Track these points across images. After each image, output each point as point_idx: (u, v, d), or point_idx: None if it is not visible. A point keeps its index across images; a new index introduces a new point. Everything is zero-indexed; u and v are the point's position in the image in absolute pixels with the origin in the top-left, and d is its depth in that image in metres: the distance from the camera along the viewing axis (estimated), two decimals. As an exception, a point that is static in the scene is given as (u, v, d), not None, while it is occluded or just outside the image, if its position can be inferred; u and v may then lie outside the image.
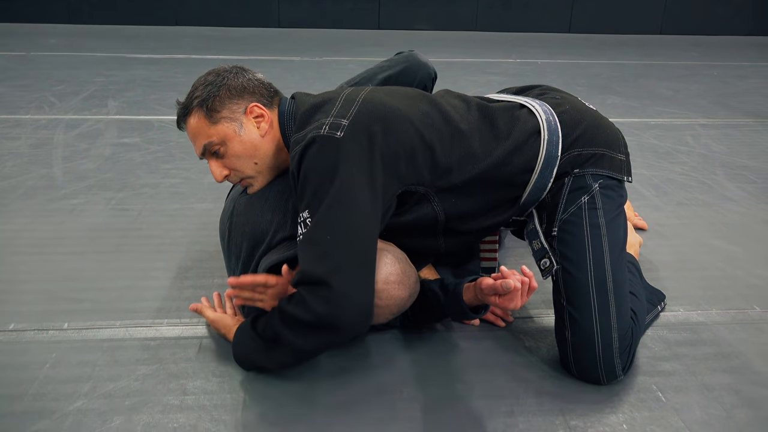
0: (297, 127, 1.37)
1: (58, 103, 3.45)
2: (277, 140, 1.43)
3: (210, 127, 1.39)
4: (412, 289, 1.36)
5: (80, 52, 4.92)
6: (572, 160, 1.43)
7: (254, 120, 1.41)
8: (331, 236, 1.22)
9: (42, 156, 2.63)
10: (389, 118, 1.33)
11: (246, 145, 1.40)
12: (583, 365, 1.37)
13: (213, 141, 1.39)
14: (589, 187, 1.42)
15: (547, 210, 1.44)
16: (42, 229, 2.00)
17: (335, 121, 1.29)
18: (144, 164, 2.59)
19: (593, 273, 1.37)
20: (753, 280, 1.83)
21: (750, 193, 2.48)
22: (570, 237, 1.40)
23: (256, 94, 1.42)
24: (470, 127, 1.41)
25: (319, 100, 1.39)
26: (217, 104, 1.38)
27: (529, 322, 1.60)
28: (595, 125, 1.48)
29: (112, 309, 1.58)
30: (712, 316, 1.65)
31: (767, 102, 4.02)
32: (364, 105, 1.34)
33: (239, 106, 1.40)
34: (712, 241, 2.07)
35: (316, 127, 1.29)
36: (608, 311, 1.35)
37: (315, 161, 1.26)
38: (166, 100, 3.58)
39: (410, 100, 1.41)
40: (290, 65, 4.73)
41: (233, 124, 1.39)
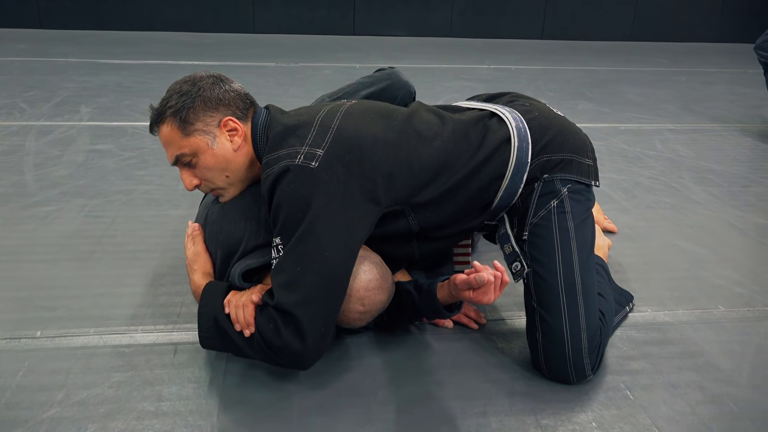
0: (269, 146, 1.35)
1: (29, 110, 3.41)
2: (250, 154, 1.42)
3: (182, 138, 1.37)
4: (389, 291, 1.39)
5: (51, 58, 4.87)
6: (542, 165, 1.46)
7: (228, 133, 1.39)
8: (300, 267, 1.24)
9: (13, 163, 2.60)
10: (364, 144, 1.34)
11: (218, 159, 1.39)
12: (554, 365, 1.40)
13: (185, 152, 1.38)
14: (558, 192, 1.45)
15: (518, 214, 1.47)
16: (13, 236, 1.98)
17: (310, 151, 1.29)
18: (117, 171, 2.58)
19: (562, 275, 1.40)
20: (718, 281, 1.89)
21: (715, 196, 2.55)
22: (540, 240, 1.43)
23: (231, 106, 1.40)
24: (444, 142, 1.43)
25: (294, 122, 1.38)
26: (191, 116, 1.36)
27: (501, 324, 1.63)
28: (563, 131, 1.51)
29: (85, 316, 1.58)
30: (678, 316, 1.70)
31: (732, 108, 4.13)
32: (339, 133, 1.34)
33: (213, 119, 1.38)
34: (678, 243, 2.12)
35: (289, 154, 1.29)
36: (577, 312, 1.39)
37: (288, 191, 1.27)
38: (139, 105, 3.56)
39: (385, 121, 1.42)
40: (265, 71, 4.73)
41: (206, 137, 1.37)
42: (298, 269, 1.24)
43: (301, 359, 1.25)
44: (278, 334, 1.23)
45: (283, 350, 1.24)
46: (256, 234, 1.40)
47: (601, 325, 1.44)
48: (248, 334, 1.27)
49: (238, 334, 1.28)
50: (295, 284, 1.23)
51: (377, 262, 1.38)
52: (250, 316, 1.28)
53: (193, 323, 1.56)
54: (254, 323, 1.27)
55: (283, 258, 1.25)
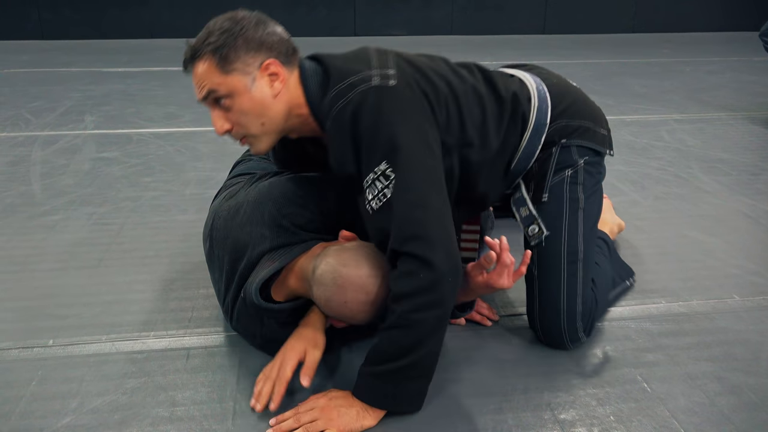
0: (335, 79, 1.28)
1: (34, 120, 3.41)
2: (291, 103, 1.32)
3: (219, 76, 1.26)
4: None
5: (54, 68, 4.88)
6: (560, 129, 1.49)
7: (268, 77, 1.29)
8: (424, 183, 1.21)
9: (20, 173, 2.61)
10: (423, 69, 1.34)
11: (255, 103, 1.29)
12: (549, 328, 1.47)
13: (220, 91, 1.27)
14: (575, 163, 1.49)
15: (535, 179, 1.50)
16: (23, 246, 1.98)
17: (382, 72, 1.27)
18: (124, 178, 2.58)
19: (566, 244, 1.46)
20: (731, 270, 1.87)
21: (725, 185, 2.53)
22: (549, 208, 1.48)
23: (274, 50, 1.29)
24: (478, 86, 1.44)
25: (349, 56, 1.34)
26: (232, 55, 1.25)
27: (515, 320, 1.62)
28: (580, 99, 1.57)
29: (97, 324, 1.57)
30: (693, 307, 1.68)
31: (738, 96, 4.10)
32: (398, 57, 1.33)
33: (255, 60, 1.27)
34: (690, 233, 2.11)
35: (362, 78, 1.25)
36: (575, 280, 1.46)
37: (378, 111, 1.22)
38: (143, 113, 3.56)
39: (429, 59, 1.43)
40: (268, 74, 4.73)
41: (245, 79, 1.27)
42: (422, 185, 1.21)
43: (442, 272, 1.17)
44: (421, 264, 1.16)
45: (427, 275, 1.17)
46: (261, 239, 1.37)
47: (593, 292, 1.50)
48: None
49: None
50: (423, 202, 1.20)
51: (379, 252, 1.32)
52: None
53: (205, 327, 1.55)
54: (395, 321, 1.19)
55: (401, 179, 1.20)
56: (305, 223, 1.39)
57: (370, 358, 1.25)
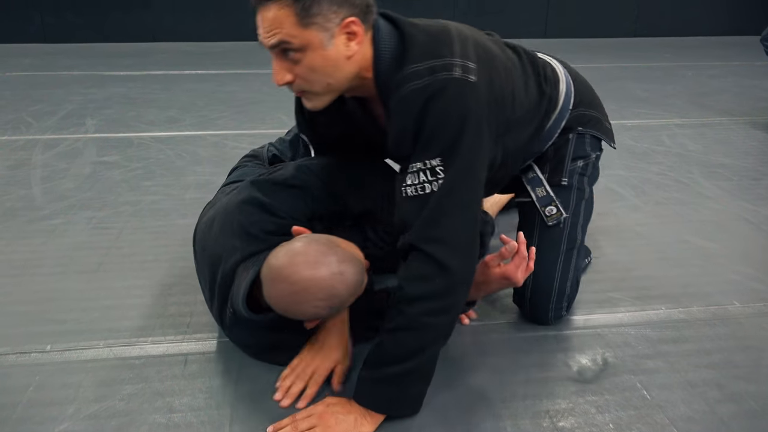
0: (414, 55, 1.21)
1: (35, 123, 3.42)
2: (361, 65, 1.24)
3: (296, 27, 1.15)
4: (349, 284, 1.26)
5: (56, 71, 4.88)
6: (578, 117, 1.57)
7: (346, 36, 1.19)
8: (468, 192, 1.22)
9: (20, 177, 2.61)
10: (495, 60, 1.31)
11: (327, 62, 1.19)
12: (537, 305, 1.56)
13: (293, 44, 1.17)
14: (588, 155, 1.59)
15: (551, 162, 1.57)
16: (22, 250, 1.98)
17: (464, 63, 1.21)
18: (124, 182, 2.58)
19: (569, 231, 1.56)
20: (731, 276, 1.86)
21: (726, 191, 2.52)
22: (561, 193, 1.56)
23: (356, 6, 1.18)
24: (527, 73, 1.47)
25: (431, 30, 1.26)
26: (315, 6, 1.14)
27: (512, 325, 1.61)
28: (590, 91, 1.66)
29: (95, 329, 1.57)
30: (693, 313, 1.67)
31: (740, 100, 4.09)
32: (477, 46, 1.27)
33: (336, 16, 1.16)
34: (690, 239, 2.10)
35: (445, 66, 1.19)
36: (569, 265, 1.56)
37: (451, 106, 1.18)
38: (144, 116, 3.56)
39: (495, 45, 1.40)
40: (269, 78, 4.72)
41: (323, 34, 1.16)
42: (465, 191, 1.21)
43: (455, 287, 1.21)
44: (436, 263, 1.18)
45: (444, 278, 1.19)
46: (232, 251, 1.35)
47: (578, 275, 1.62)
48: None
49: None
50: (463, 206, 1.21)
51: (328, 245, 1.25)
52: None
53: (203, 332, 1.55)
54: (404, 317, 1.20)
55: (449, 180, 1.19)
56: (276, 229, 1.37)
57: (373, 362, 1.24)
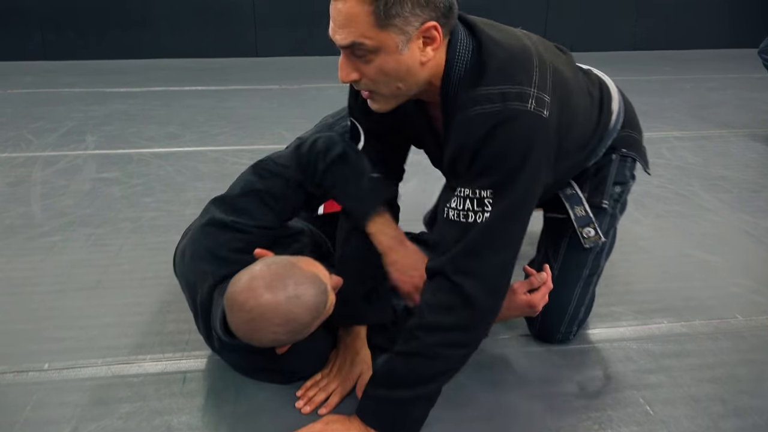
0: (490, 76, 1.14)
1: (35, 140, 3.42)
2: (433, 72, 1.17)
3: (373, 29, 1.07)
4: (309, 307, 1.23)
5: (57, 89, 4.90)
6: (623, 138, 1.53)
7: (423, 41, 1.11)
8: (513, 232, 1.18)
9: (20, 194, 2.61)
10: (567, 93, 1.24)
11: (400, 66, 1.12)
12: (548, 325, 1.55)
13: (366, 45, 1.09)
14: (626, 181, 1.56)
15: (591, 182, 1.52)
16: (21, 268, 1.97)
17: (539, 95, 1.13)
18: (124, 198, 2.58)
19: (593, 257, 1.52)
20: (733, 289, 1.85)
21: (726, 203, 2.52)
22: (598, 217, 1.51)
23: (439, 9, 1.09)
24: (593, 98, 1.43)
25: (512, 49, 1.17)
26: (397, 7, 1.05)
27: (517, 342, 1.60)
28: (633, 110, 1.61)
29: (93, 347, 1.56)
30: (695, 327, 1.66)
31: (739, 113, 4.10)
32: (556, 77, 1.20)
33: (417, 20, 1.07)
34: (691, 252, 2.09)
35: (519, 95, 1.12)
36: (588, 291, 1.54)
37: (516, 140, 1.12)
38: (144, 132, 3.57)
39: (573, 70, 1.35)
40: (269, 94, 4.74)
41: (399, 38, 1.08)
42: (512, 229, 1.17)
43: (478, 323, 1.20)
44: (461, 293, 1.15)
45: (468, 310, 1.16)
46: (203, 277, 1.35)
47: (592, 301, 1.59)
48: None
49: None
50: (507, 243, 1.18)
51: (288, 267, 1.21)
52: None
53: (201, 350, 1.54)
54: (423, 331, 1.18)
55: (496, 214, 1.14)
56: (245, 246, 1.34)
57: (381, 381, 1.23)
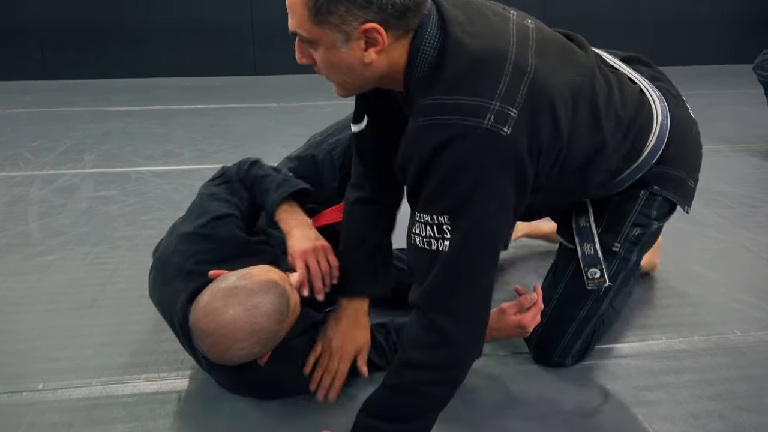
0: (448, 84, 1.04)
1: (33, 159, 3.43)
2: (387, 68, 1.10)
3: (308, 21, 1.04)
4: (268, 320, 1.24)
5: (56, 108, 4.92)
6: (658, 175, 1.37)
7: (365, 42, 1.05)
8: (481, 260, 1.08)
9: (17, 213, 2.60)
10: (556, 107, 1.09)
11: (340, 62, 1.08)
12: (542, 351, 1.53)
13: (304, 36, 1.06)
14: (648, 225, 1.41)
15: (609, 216, 1.40)
16: (17, 287, 1.96)
17: (502, 109, 1.02)
18: (121, 217, 2.57)
19: (593, 301, 1.46)
20: (732, 305, 1.84)
21: (725, 218, 2.52)
22: (608, 260, 1.43)
23: (384, 12, 1.02)
24: (615, 122, 1.26)
25: (482, 54, 1.05)
26: (330, 5, 1.01)
27: (511, 358, 1.58)
28: (691, 140, 1.45)
29: (88, 366, 1.55)
30: (694, 343, 1.65)
31: (736, 128, 4.11)
32: (534, 85, 1.06)
33: (356, 20, 1.02)
34: (690, 267, 2.08)
35: (477, 109, 1.01)
36: (584, 328, 1.49)
37: (468, 160, 1.02)
38: (142, 151, 3.58)
39: (582, 75, 1.19)
40: (266, 111, 4.76)
41: (337, 35, 1.04)
42: (476, 259, 1.07)
43: (459, 361, 1.14)
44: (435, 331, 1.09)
45: (446, 347, 1.10)
46: (176, 295, 1.35)
47: (594, 334, 1.54)
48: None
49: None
50: (472, 277, 1.08)
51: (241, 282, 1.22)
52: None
53: (196, 369, 1.53)
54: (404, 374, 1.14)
55: (455, 246, 1.05)
56: (211, 257, 1.36)
57: (370, 410, 1.20)
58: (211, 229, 1.42)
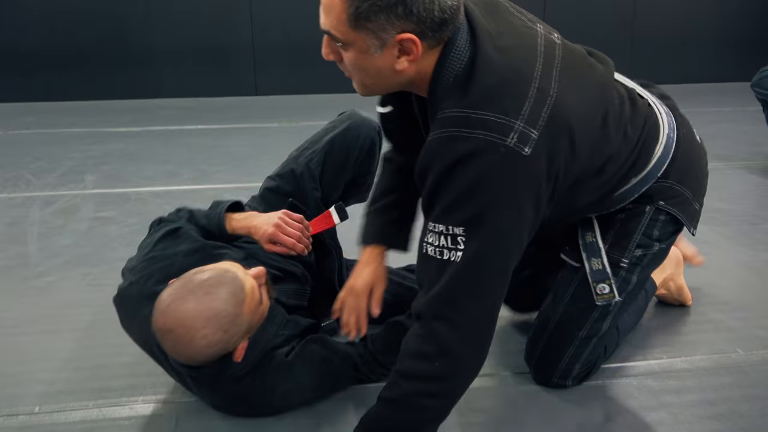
0: (474, 99, 1.07)
1: (34, 180, 3.44)
2: (415, 76, 1.13)
3: (345, 24, 1.05)
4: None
5: (58, 129, 4.95)
6: (663, 189, 1.38)
7: (399, 50, 1.08)
8: (492, 277, 1.10)
9: (17, 234, 2.61)
10: (575, 132, 1.12)
11: (371, 66, 1.10)
12: (541, 373, 1.52)
13: (338, 37, 1.08)
14: (650, 246, 1.41)
15: (616, 232, 1.40)
16: (14, 309, 1.96)
17: (525, 130, 1.05)
18: (120, 237, 2.57)
19: (595, 319, 1.45)
20: (733, 323, 1.83)
21: (724, 236, 2.51)
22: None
23: (423, 24, 1.04)
24: (626, 139, 1.29)
25: (510, 73, 1.09)
26: (370, 13, 1.02)
27: (511, 378, 1.57)
28: (697, 160, 1.48)
29: (85, 389, 1.54)
30: (695, 362, 1.64)
31: (734, 146, 4.12)
32: (555, 109, 1.09)
33: (394, 29, 1.04)
34: (691, 286, 2.07)
35: (501, 127, 1.04)
36: (585, 350, 1.48)
37: (491, 173, 1.05)
38: (143, 171, 3.59)
39: (602, 92, 1.24)
40: (267, 131, 4.78)
41: (372, 41, 1.06)
42: (487, 274, 1.09)
43: (459, 375, 1.15)
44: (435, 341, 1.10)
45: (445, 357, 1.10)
46: (147, 320, 1.28)
47: (596, 356, 1.52)
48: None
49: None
50: (482, 292, 1.10)
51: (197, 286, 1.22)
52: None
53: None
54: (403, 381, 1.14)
55: (468, 257, 1.07)
56: (168, 273, 1.36)
57: (369, 424, 1.19)
58: (159, 250, 1.45)
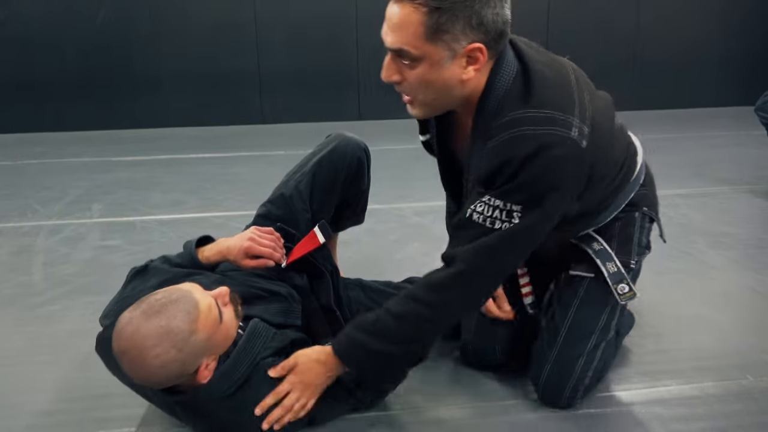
0: (538, 99, 1.19)
1: (41, 209, 3.46)
2: (473, 90, 1.23)
3: (421, 38, 1.12)
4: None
5: (66, 158, 4.99)
6: (644, 197, 1.54)
7: (467, 60, 1.17)
8: (527, 244, 1.27)
9: (22, 263, 2.61)
10: (601, 125, 1.29)
11: (440, 80, 1.18)
12: (552, 389, 1.49)
13: (411, 53, 1.14)
14: (642, 254, 1.57)
15: (618, 238, 1.52)
16: (17, 339, 1.95)
17: (580, 125, 1.19)
18: (125, 266, 2.55)
19: (604, 320, 1.50)
20: (743, 348, 1.81)
21: (731, 260, 2.49)
22: None
23: (489, 34, 1.14)
24: (619, 130, 1.47)
25: (560, 80, 1.25)
26: (448, 24, 1.10)
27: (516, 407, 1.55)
28: (651, 174, 1.65)
29: (85, 420, 1.53)
30: (705, 389, 1.61)
31: (739, 169, 4.11)
32: (595, 110, 1.26)
33: (466, 39, 1.13)
34: (698, 311, 2.05)
35: (566, 122, 1.18)
36: (595, 355, 1.49)
37: (557, 165, 1.17)
38: (149, 200, 3.61)
39: (608, 108, 1.41)
40: (273, 159, 4.80)
41: (445, 53, 1.14)
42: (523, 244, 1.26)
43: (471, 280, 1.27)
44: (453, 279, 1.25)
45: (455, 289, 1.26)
46: None
47: (604, 365, 1.56)
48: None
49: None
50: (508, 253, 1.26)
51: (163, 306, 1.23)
52: None
53: (196, 421, 1.50)
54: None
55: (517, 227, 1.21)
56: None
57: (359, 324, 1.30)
58: (129, 291, 1.51)
